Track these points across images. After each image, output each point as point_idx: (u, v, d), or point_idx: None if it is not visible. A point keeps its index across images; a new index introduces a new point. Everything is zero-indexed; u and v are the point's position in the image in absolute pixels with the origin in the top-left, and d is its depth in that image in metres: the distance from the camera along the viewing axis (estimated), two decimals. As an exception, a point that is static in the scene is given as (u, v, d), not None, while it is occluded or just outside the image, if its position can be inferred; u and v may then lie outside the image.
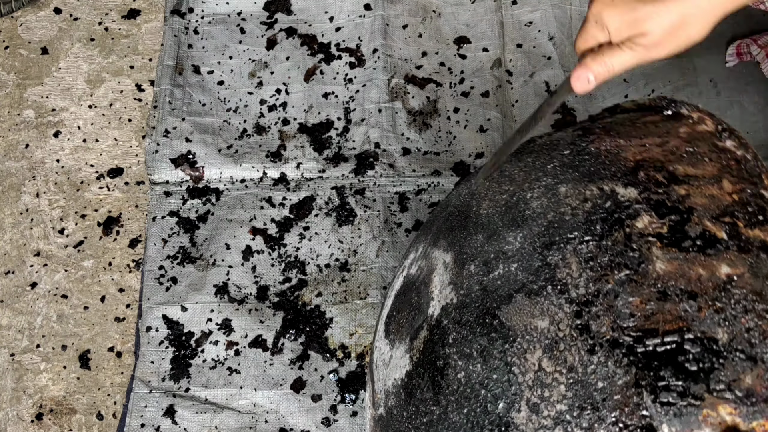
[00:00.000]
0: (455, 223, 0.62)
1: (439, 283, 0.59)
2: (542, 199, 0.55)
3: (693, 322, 0.46)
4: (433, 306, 0.59)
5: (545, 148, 0.62)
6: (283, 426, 0.89)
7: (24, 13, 1.20)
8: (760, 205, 0.51)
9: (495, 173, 0.56)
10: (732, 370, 0.44)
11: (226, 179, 1.04)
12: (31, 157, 1.10)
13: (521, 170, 0.60)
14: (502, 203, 0.58)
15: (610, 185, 0.53)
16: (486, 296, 0.53)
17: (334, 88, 1.10)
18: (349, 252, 0.99)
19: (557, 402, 0.47)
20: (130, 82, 1.15)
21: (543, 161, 0.59)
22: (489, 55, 1.11)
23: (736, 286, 0.47)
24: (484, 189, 0.62)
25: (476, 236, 0.58)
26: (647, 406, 0.44)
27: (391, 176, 1.03)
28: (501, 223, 0.57)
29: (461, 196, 0.65)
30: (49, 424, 0.95)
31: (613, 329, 0.47)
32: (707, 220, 0.49)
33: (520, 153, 0.63)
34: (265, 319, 0.95)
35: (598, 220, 0.51)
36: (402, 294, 0.65)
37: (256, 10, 1.16)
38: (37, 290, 1.02)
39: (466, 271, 0.56)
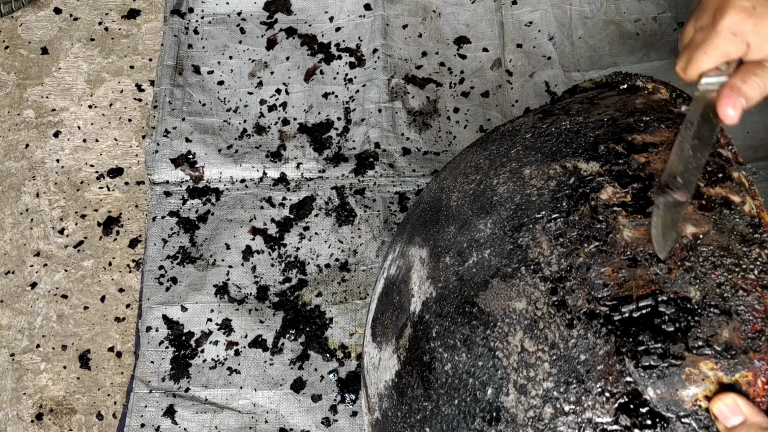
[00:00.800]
0: (428, 219, 0.63)
1: (418, 279, 0.60)
2: (508, 184, 0.56)
3: (665, 284, 0.46)
4: (414, 302, 0.59)
5: (507, 134, 0.62)
6: (283, 426, 0.89)
7: (24, 13, 1.20)
8: (718, 163, 0.51)
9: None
10: (708, 326, 0.45)
11: (226, 179, 1.04)
12: (31, 157, 1.10)
13: (486, 158, 0.61)
14: (470, 193, 0.59)
15: (573, 162, 0.54)
16: (463, 285, 0.54)
17: (334, 88, 1.10)
18: (349, 252, 0.99)
19: (543, 380, 0.47)
20: (130, 82, 1.15)
21: (506, 147, 0.60)
22: (489, 55, 1.11)
23: (703, 243, 0.47)
24: (452, 181, 0.62)
25: (448, 228, 0.58)
26: (630, 372, 0.45)
27: (391, 176, 1.03)
28: (471, 212, 0.57)
29: (431, 192, 0.65)
30: (49, 424, 0.95)
31: (588, 301, 0.47)
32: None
33: (484, 142, 0.64)
34: (265, 319, 0.95)
35: (564, 197, 0.52)
36: (384, 296, 0.66)
37: (256, 10, 1.16)
38: (37, 290, 1.02)
39: (442, 264, 0.57)
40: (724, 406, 0.43)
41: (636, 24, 1.12)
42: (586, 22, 1.13)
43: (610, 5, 1.14)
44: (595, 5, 1.14)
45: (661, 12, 1.13)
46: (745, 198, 0.49)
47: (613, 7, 1.14)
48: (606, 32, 1.12)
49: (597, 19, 1.13)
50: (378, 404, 0.63)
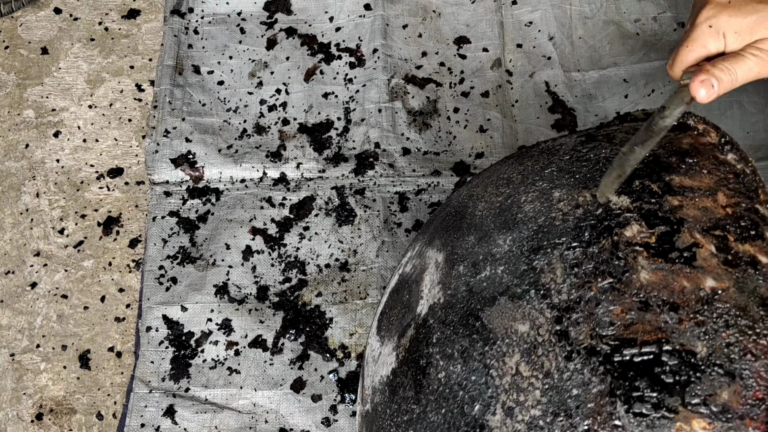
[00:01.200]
0: (451, 224, 0.62)
1: (429, 282, 0.59)
2: (535, 203, 0.55)
3: (672, 333, 0.45)
4: (422, 305, 0.59)
5: (546, 152, 0.61)
6: (283, 426, 0.89)
7: (24, 13, 1.20)
8: (753, 219, 0.50)
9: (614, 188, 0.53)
10: (709, 384, 0.43)
11: (226, 179, 1.04)
12: (31, 157, 1.10)
13: (519, 173, 0.60)
14: (496, 205, 0.58)
15: None
16: (471, 297, 0.54)
17: (334, 88, 1.10)
18: (349, 252, 0.99)
19: (531, 407, 0.47)
20: (130, 82, 1.15)
21: (542, 165, 0.59)
22: (489, 55, 1.11)
23: (720, 300, 0.46)
24: (482, 190, 0.62)
25: (468, 237, 0.58)
26: (620, 416, 0.44)
27: (391, 176, 1.03)
28: (493, 225, 0.57)
29: (460, 197, 0.65)
30: (49, 424, 0.95)
31: (591, 337, 0.46)
32: (697, 232, 0.49)
33: (521, 157, 0.62)
34: (265, 319, 0.95)
35: (588, 227, 0.51)
36: (395, 291, 0.66)
37: (256, 10, 1.16)
38: (37, 290, 1.02)
39: (455, 272, 0.57)
40: None
41: (636, 24, 1.12)
42: (586, 22, 1.13)
43: (610, 5, 1.14)
44: (595, 5, 1.14)
45: (661, 12, 1.13)
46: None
47: (613, 7, 1.14)
48: (606, 32, 1.12)
49: (597, 19, 1.13)
50: (371, 397, 0.63)
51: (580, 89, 1.08)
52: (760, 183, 0.53)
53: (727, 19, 0.51)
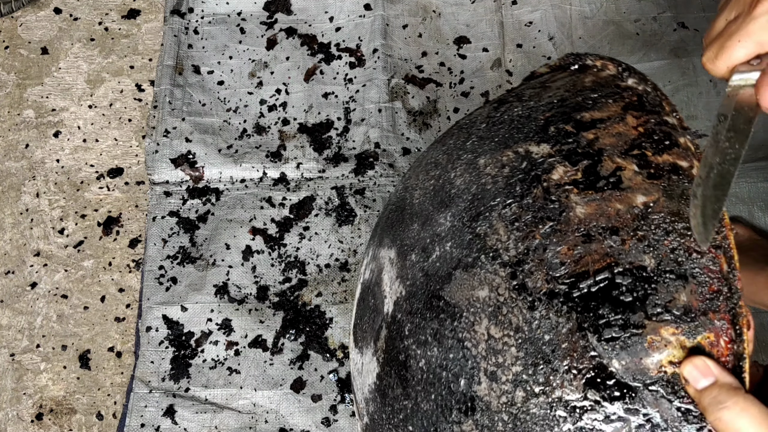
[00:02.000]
0: (394, 219, 0.63)
1: (389, 280, 0.60)
2: (465, 176, 0.56)
3: (620, 255, 0.46)
4: (387, 303, 0.60)
5: (464, 127, 0.63)
6: (283, 426, 0.89)
7: (24, 13, 1.20)
8: (664, 131, 0.51)
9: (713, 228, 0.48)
10: (665, 292, 0.45)
11: (226, 179, 1.04)
12: (31, 157, 1.10)
13: (444, 153, 0.61)
14: (430, 189, 0.60)
15: (524, 146, 0.54)
16: (429, 280, 0.55)
17: (334, 88, 1.10)
18: (349, 252, 0.99)
19: (512, 365, 0.48)
20: (130, 82, 1.15)
21: (463, 139, 0.61)
22: (489, 55, 1.11)
23: (654, 211, 0.47)
24: (415, 179, 0.63)
25: (413, 226, 0.59)
26: (594, 347, 0.45)
27: (391, 176, 1.03)
28: (432, 207, 0.58)
29: (398, 192, 0.66)
30: (49, 424, 0.95)
31: (547, 281, 0.48)
32: (617, 156, 0.50)
33: (444, 137, 0.64)
34: (265, 319, 0.95)
35: (517, 182, 0.52)
36: (361, 300, 0.67)
37: (256, 10, 1.16)
38: (37, 290, 1.02)
39: (409, 262, 0.58)
40: (695, 368, 0.43)
41: (636, 24, 1.12)
42: (586, 22, 1.13)
43: (610, 5, 1.14)
44: (595, 5, 1.14)
45: (661, 12, 1.13)
46: (692, 162, 0.49)
47: (613, 7, 1.14)
48: (606, 32, 1.12)
49: (597, 19, 1.13)
50: (365, 409, 0.63)
51: (580, 89, 1.08)
52: (663, 97, 0.54)
53: None
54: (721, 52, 0.49)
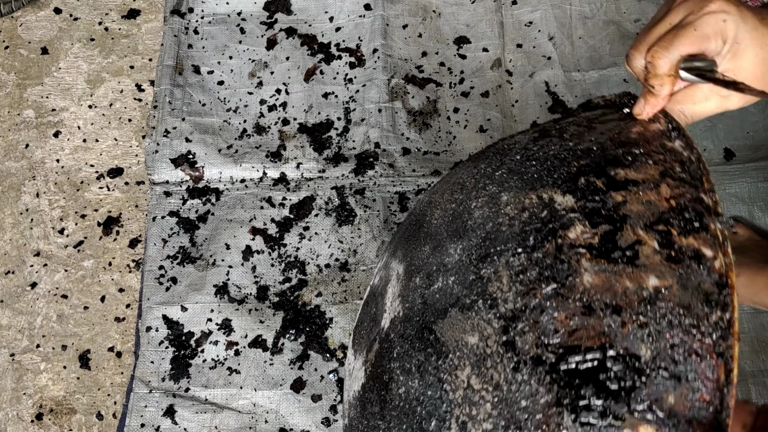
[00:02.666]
0: (411, 233, 0.62)
1: (391, 295, 0.59)
2: (484, 209, 0.54)
3: (616, 338, 0.44)
4: (385, 318, 0.59)
5: (500, 152, 0.60)
6: (283, 426, 0.89)
7: (24, 13, 1.20)
8: (697, 210, 0.47)
9: None
10: (654, 389, 0.42)
11: (226, 179, 1.04)
12: (31, 157, 1.10)
13: (473, 177, 0.59)
14: (450, 213, 0.58)
15: (550, 193, 0.51)
16: (426, 310, 0.53)
17: (334, 88, 1.10)
18: (349, 252, 0.99)
19: (483, 420, 0.46)
20: (130, 82, 1.15)
21: (493, 167, 0.58)
22: (489, 55, 1.11)
23: (663, 299, 0.44)
24: (440, 196, 0.61)
25: (424, 247, 0.58)
26: (567, 427, 0.43)
27: (391, 176, 1.03)
28: (446, 233, 0.56)
29: (422, 204, 0.64)
30: (49, 424, 0.95)
31: (537, 346, 0.46)
32: (640, 228, 0.47)
33: (478, 158, 0.62)
34: (265, 319, 0.95)
35: (532, 231, 0.50)
36: (366, 304, 0.66)
37: (256, 10, 1.16)
38: (37, 290, 1.02)
39: (413, 284, 0.56)
40: None
41: (636, 24, 1.12)
42: (586, 22, 1.13)
43: (610, 5, 1.14)
44: (595, 5, 1.14)
45: (661, 12, 1.13)
46: (717, 253, 0.45)
47: (613, 7, 1.14)
48: (606, 32, 1.12)
49: (597, 19, 1.13)
50: (348, 411, 0.63)
51: (580, 89, 1.08)
52: (705, 170, 0.50)
53: (742, 20, 0.47)
54: (675, 40, 0.48)
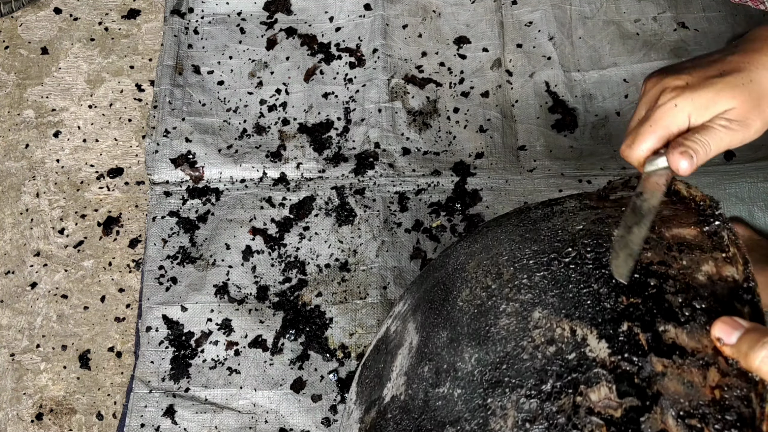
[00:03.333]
0: (435, 298, 0.57)
1: (399, 366, 0.57)
2: (512, 320, 0.49)
3: None
4: (388, 389, 0.56)
5: (554, 239, 0.54)
6: (283, 426, 0.89)
7: (24, 13, 1.20)
8: (741, 414, 0.40)
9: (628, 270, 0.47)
10: None
11: (226, 179, 1.04)
12: (31, 157, 1.10)
13: (513, 264, 0.53)
14: (476, 304, 0.53)
15: (585, 331, 0.45)
16: (425, 412, 0.51)
17: (334, 88, 1.10)
18: (349, 252, 0.99)
19: None
20: (130, 82, 1.15)
21: (539, 262, 0.52)
22: (489, 55, 1.11)
23: None
24: (475, 266, 0.56)
25: (442, 332, 0.54)
26: None
27: (391, 176, 1.03)
28: (466, 329, 0.52)
29: (458, 259, 0.60)
30: (49, 424, 0.95)
31: None
32: (671, 416, 0.40)
33: (532, 230, 0.56)
34: (265, 319, 0.95)
35: (554, 374, 0.44)
36: (376, 349, 0.63)
37: (256, 10, 1.16)
38: (37, 290, 1.02)
39: (420, 371, 0.53)
40: (724, 324, 0.41)
41: (636, 24, 1.12)
42: (586, 22, 1.13)
43: (610, 5, 1.14)
44: (595, 5, 1.14)
45: (661, 12, 1.13)
46: None
47: (613, 7, 1.14)
48: (606, 32, 1.12)
49: (597, 19, 1.13)
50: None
51: (580, 89, 1.08)
52: None
53: (691, 97, 0.52)
54: (636, 139, 0.54)
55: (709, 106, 0.52)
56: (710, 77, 0.53)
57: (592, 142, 1.04)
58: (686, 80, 0.53)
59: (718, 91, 0.52)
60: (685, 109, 0.53)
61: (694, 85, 0.53)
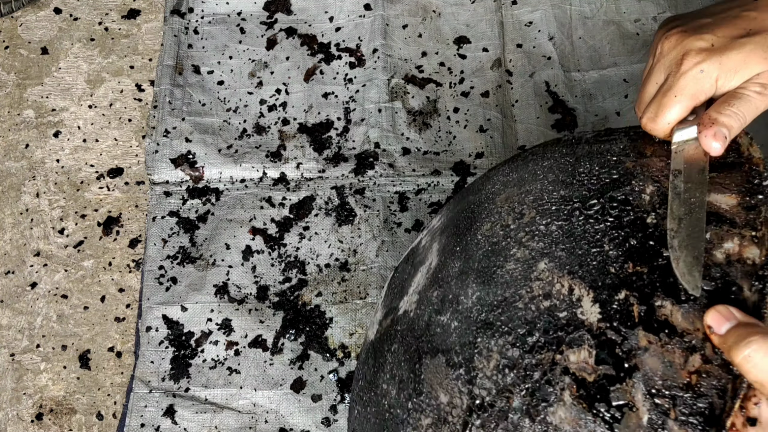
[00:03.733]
0: (460, 225, 0.59)
1: (416, 283, 0.59)
2: (518, 266, 0.49)
3: None
4: (403, 302, 0.59)
5: (585, 182, 0.52)
6: (283, 426, 0.89)
7: (24, 13, 1.20)
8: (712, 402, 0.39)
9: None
10: None
11: (226, 179, 1.04)
12: (31, 157, 1.10)
13: (537, 207, 0.52)
14: (493, 240, 0.53)
15: (582, 291, 0.45)
16: (424, 335, 0.53)
17: (334, 88, 1.10)
18: (349, 252, 0.99)
19: None
20: (130, 82, 1.15)
21: (560, 211, 0.51)
22: (489, 55, 1.11)
23: None
24: (503, 202, 0.55)
25: (456, 262, 0.55)
26: None
27: (391, 176, 1.03)
28: (476, 265, 0.53)
29: (493, 187, 0.59)
30: (49, 424, 0.95)
31: None
32: (641, 391, 0.41)
33: (560, 181, 0.54)
34: (265, 319, 0.95)
35: (541, 328, 0.45)
36: (407, 258, 0.66)
37: (256, 10, 1.16)
38: (37, 290, 1.02)
39: (430, 294, 0.55)
40: (717, 313, 0.40)
41: (636, 24, 1.12)
42: (586, 22, 1.13)
43: (610, 5, 1.14)
44: (595, 5, 1.14)
45: (661, 12, 1.13)
46: None
47: (613, 7, 1.14)
48: (606, 32, 1.12)
49: (597, 19, 1.13)
50: (362, 350, 0.67)
51: (580, 89, 1.08)
52: None
53: (719, 61, 0.49)
54: (660, 111, 0.51)
55: (738, 70, 0.48)
56: (737, 37, 0.49)
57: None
58: (711, 41, 0.49)
59: (748, 53, 0.48)
60: (712, 74, 0.49)
61: (721, 47, 0.48)
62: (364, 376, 0.61)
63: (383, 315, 0.62)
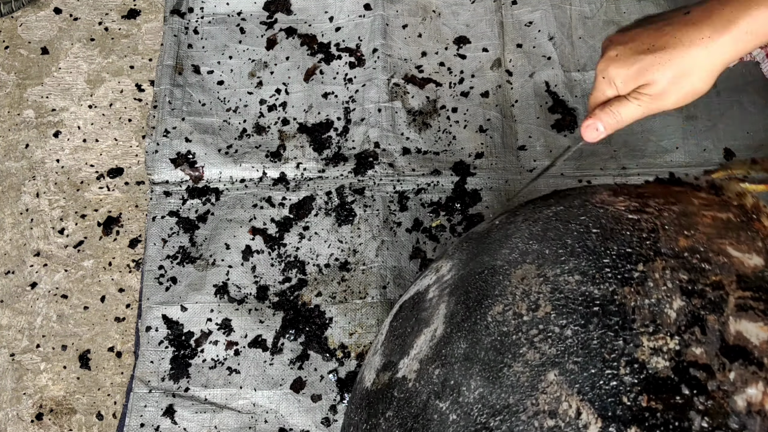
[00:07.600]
0: (471, 292, 0.55)
1: (419, 347, 0.56)
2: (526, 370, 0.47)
3: None
4: (403, 363, 0.56)
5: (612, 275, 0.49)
6: (283, 426, 0.89)
7: (24, 13, 1.20)
8: None
9: None
10: None
11: (226, 179, 1.04)
12: (31, 157, 1.10)
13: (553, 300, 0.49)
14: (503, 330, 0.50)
15: (590, 418, 0.43)
16: (420, 417, 0.51)
17: (334, 88, 1.10)
18: (349, 252, 0.99)
19: None
20: (130, 82, 1.15)
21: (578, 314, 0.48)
22: (489, 55, 1.11)
23: None
24: (516, 285, 0.52)
25: (462, 342, 0.52)
26: None
27: (390, 176, 1.03)
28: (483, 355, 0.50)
29: (512, 253, 0.56)
30: (49, 424, 0.95)
31: None
32: None
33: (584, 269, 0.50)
34: (264, 319, 0.95)
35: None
36: (412, 300, 0.63)
37: (256, 10, 1.16)
38: (37, 290, 1.02)
39: (432, 371, 0.53)
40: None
41: (636, 24, 1.12)
42: (586, 22, 1.13)
43: (610, 5, 1.14)
44: (595, 5, 1.14)
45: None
46: None
47: (613, 7, 1.14)
48: (606, 32, 1.12)
49: (597, 19, 1.13)
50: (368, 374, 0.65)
51: (580, 89, 1.08)
52: None
53: (615, 70, 0.59)
54: (589, 100, 0.63)
55: (631, 80, 0.59)
56: (640, 52, 0.58)
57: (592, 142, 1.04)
58: (618, 51, 0.60)
59: (641, 68, 0.58)
60: (611, 79, 0.60)
61: (623, 58, 0.59)
62: (357, 426, 0.58)
63: (381, 366, 0.59)
